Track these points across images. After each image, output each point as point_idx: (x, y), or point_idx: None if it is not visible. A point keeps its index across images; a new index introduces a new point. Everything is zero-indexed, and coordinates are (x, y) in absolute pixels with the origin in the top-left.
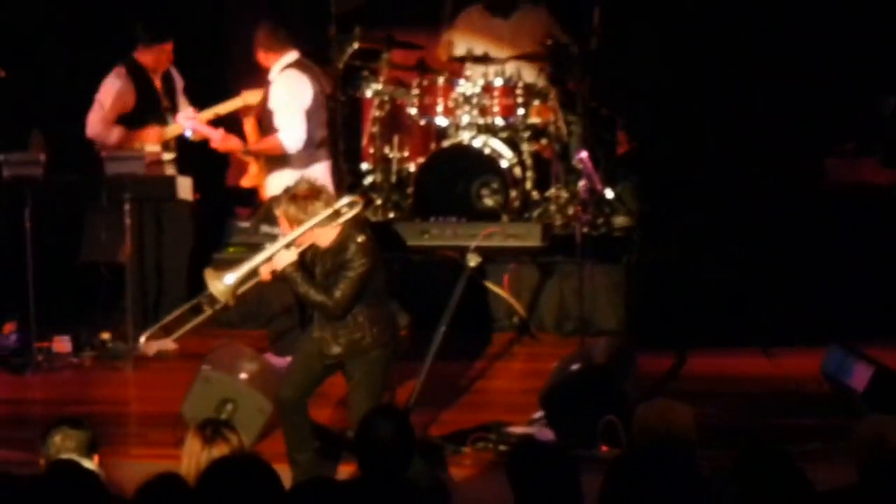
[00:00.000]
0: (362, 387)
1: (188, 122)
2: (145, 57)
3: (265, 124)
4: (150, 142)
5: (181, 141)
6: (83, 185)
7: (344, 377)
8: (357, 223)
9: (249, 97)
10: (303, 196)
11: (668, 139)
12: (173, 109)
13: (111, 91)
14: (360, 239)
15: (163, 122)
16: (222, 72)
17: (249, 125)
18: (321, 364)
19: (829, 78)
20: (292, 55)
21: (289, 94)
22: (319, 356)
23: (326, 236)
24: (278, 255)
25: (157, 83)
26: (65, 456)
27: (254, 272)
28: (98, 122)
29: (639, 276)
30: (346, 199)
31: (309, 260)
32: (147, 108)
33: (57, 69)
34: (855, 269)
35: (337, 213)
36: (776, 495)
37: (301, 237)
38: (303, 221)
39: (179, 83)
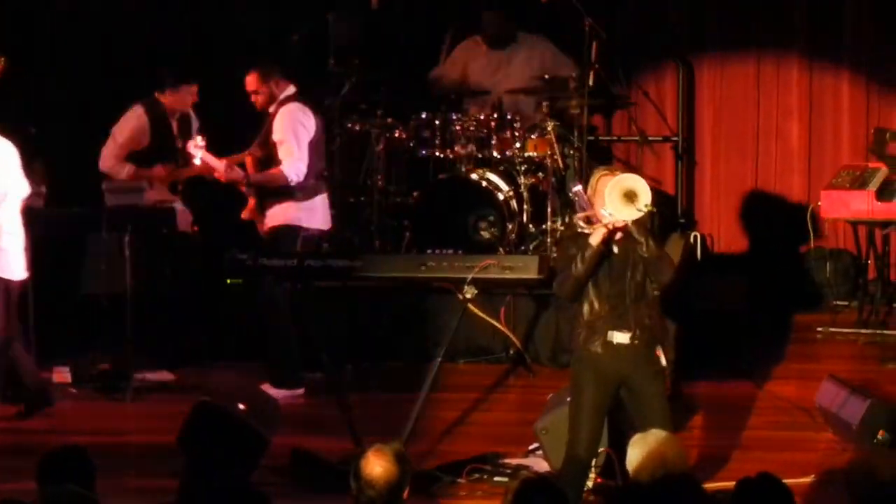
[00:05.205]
0: (661, 397)
1: (197, 150)
2: (169, 99)
3: (265, 157)
4: (160, 180)
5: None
6: (84, 217)
7: (626, 396)
8: None
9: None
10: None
11: None
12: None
13: (127, 128)
14: None
15: (174, 162)
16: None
17: (248, 160)
18: (607, 393)
19: None
20: (291, 88)
21: (293, 127)
22: (605, 380)
23: None
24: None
25: (174, 125)
26: None
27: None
28: (110, 156)
29: None
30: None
31: None
32: (161, 148)
33: (64, 101)
34: None
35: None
36: None
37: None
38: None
39: (195, 124)
